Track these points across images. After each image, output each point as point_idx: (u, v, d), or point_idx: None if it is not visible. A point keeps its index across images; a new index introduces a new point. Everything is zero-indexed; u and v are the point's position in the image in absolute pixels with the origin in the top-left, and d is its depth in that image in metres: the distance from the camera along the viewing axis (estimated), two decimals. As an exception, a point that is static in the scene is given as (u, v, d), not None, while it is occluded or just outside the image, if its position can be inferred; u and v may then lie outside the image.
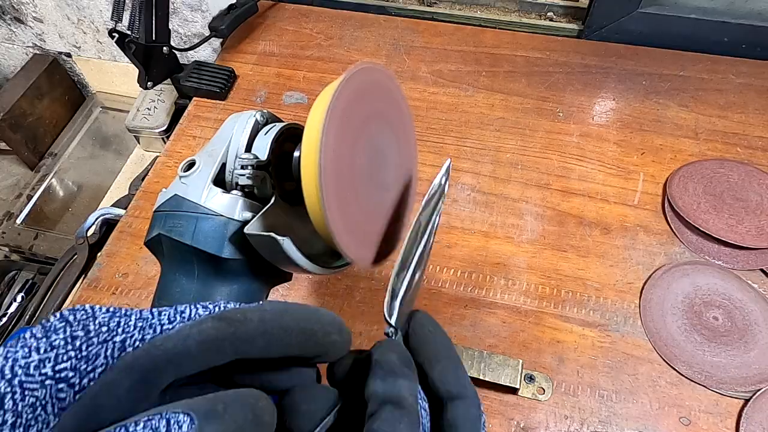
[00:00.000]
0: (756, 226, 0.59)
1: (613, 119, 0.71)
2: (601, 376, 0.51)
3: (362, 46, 0.82)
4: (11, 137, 1.07)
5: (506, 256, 0.59)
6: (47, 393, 0.15)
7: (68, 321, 0.16)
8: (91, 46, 1.10)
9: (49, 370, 0.15)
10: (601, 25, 0.79)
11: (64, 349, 0.15)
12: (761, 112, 0.71)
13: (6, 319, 0.80)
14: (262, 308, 0.18)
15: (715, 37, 0.77)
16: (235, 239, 0.31)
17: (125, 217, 0.65)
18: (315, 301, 0.56)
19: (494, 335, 0.54)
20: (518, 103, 0.73)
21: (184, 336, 0.16)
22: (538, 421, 0.49)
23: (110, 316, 0.17)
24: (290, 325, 0.18)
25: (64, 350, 0.15)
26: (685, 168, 0.65)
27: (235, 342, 0.17)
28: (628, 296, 0.56)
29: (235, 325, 0.17)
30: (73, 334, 0.16)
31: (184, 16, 0.97)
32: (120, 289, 0.58)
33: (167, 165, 0.69)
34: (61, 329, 0.16)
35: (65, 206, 1.04)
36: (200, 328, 0.17)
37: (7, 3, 1.05)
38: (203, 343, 0.16)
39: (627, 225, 0.61)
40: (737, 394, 0.50)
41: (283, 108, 0.74)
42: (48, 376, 0.15)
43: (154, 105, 0.90)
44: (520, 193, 0.64)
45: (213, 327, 0.17)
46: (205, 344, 0.16)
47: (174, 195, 0.32)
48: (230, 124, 0.33)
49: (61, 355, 0.15)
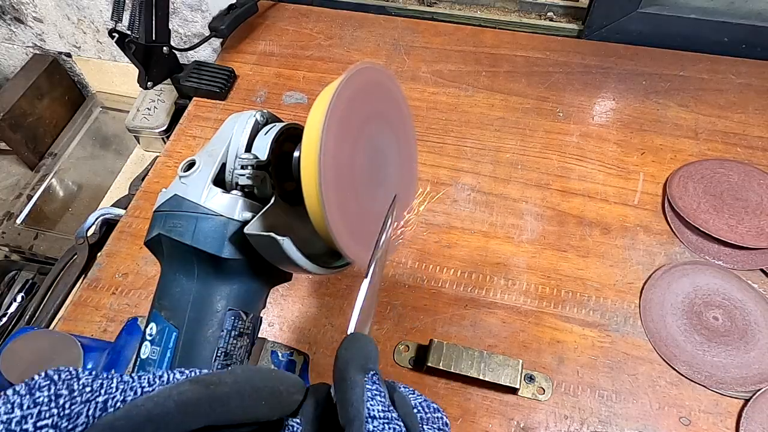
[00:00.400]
0: (756, 226, 0.59)
1: (613, 119, 0.71)
2: (601, 376, 0.51)
3: (362, 46, 0.82)
4: (11, 137, 1.07)
5: (506, 256, 0.59)
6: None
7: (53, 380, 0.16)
8: (91, 46, 1.10)
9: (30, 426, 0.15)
10: (601, 25, 0.79)
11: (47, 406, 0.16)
12: (761, 112, 0.71)
13: (6, 319, 0.80)
14: (233, 372, 0.20)
15: (715, 37, 0.77)
16: (235, 239, 0.31)
17: (125, 217, 0.65)
18: (315, 301, 0.56)
19: (494, 335, 0.54)
20: (518, 103, 0.73)
21: (164, 397, 0.17)
22: (538, 421, 0.49)
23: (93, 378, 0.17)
24: (260, 386, 0.20)
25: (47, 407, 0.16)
26: (685, 168, 0.65)
27: (211, 402, 0.18)
28: (628, 296, 0.56)
29: (211, 387, 0.18)
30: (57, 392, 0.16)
31: (184, 16, 0.97)
32: (120, 289, 0.58)
33: (167, 165, 0.69)
34: (46, 387, 0.16)
35: (65, 206, 1.04)
36: (179, 389, 0.18)
37: (7, 3, 1.05)
38: (182, 404, 0.17)
39: (627, 225, 0.61)
40: (737, 394, 0.50)
41: (283, 108, 0.74)
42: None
43: (154, 105, 0.90)
44: (520, 193, 0.64)
45: (190, 389, 0.18)
46: (183, 405, 0.17)
47: (174, 195, 0.32)
48: (230, 124, 0.33)
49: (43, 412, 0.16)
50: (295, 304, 0.56)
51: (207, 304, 0.31)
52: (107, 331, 0.55)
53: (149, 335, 0.32)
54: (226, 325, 0.31)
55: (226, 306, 0.32)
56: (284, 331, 0.55)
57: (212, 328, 0.31)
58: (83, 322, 0.56)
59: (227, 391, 0.19)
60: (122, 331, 0.50)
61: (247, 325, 0.33)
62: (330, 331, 0.54)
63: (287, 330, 0.55)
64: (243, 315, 0.32)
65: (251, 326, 0.33)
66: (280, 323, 0.55)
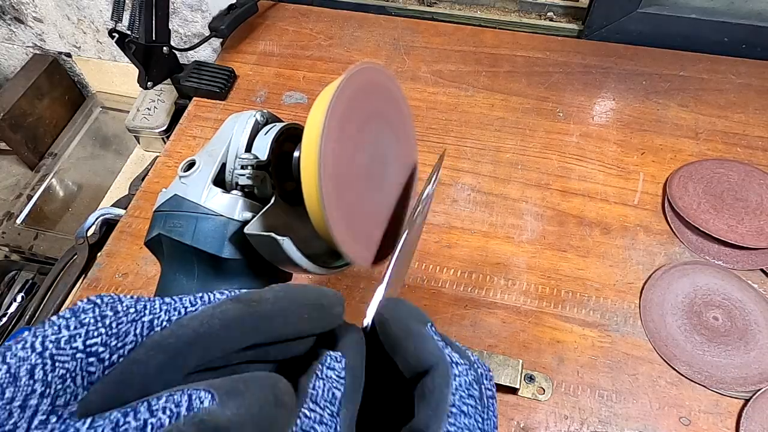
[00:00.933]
0: (756, 226, 0.59)
1: (613, 119, 0.71)
2: (601, 376, 0.51)
3: (362, 46, 0.82)
4: (11, 137, 1.07)
5: (506, 256, 0.59)
6: (77, 366, 0.15)
7: (96, 303, 0.16)
8: (91, 46, 1.10)
9: (80, 344, 0.15)
10: (601, 25, 0.79)
11: (94, 326, 0.16)
12: (761, 112, 0.71)
13: (6, 319, 0.80)
14: (273, 289, 0.20)
15: (715, 37, 0.77)
16: (235, 239, 0.31)
17: (125, 217, 0.65)
18: (315, 301, 0.56)
19: (494, 335, 0.54)
20: (518, 103, 0.73)
21: (208, 315, 0.17)
22: (538, 421, 0.49)
23: (136, 300, 0.17)
24: (301, 300, 0.20)
25: (94, 327, 0.16)
26: (685, 168, 0.65)
27: (255, 320, 0.18)
28: (628, 296, 0.56)
29: (253, 304, 0.18)
30: (102, 314, 0.16)
31: (184, 16, 0.97)
32: (120, 289, 0.58)
33: (167, 165, 0.69)
34: (90, 309, 0.16)
35: (65, 206, 1.04)
36: (222, 308, 0.17)
37: (7, 3, 1.05)
38: (226, 322, 0.17)
39: (627, 225, 0.61)
40: (737, 394, 0.50)
41: (283, 108, 0.74)
42: (79, 350, 0.15)
43: (154, 105, 0.90)
44: (520, 193, 0.64)
45: (233, 307, 0.18)
46: (228, 323, 0.17)
47: (174, 195, 0.32)
48: (230, 124, 0.33)
49: (91, 332, 0.16)
50: (295, 304, 0.56)
51: (207, 304, 0.31)
52: (107, 331, 0.55)
53: (149, 335, 0.32)
54: (226, 325, 0.31)
55: (226, 306, 0.32)
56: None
57: (212, 328, 0.31)
58: (83, 322, 0.56)
59: (269, 308, 0.18)
60: (122, 331, 0.50)
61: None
62: (330, 331, 0.54)
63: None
64: (243, 315, 0.32)
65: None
66: (280, 323, 0.55)
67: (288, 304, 0.19)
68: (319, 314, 0.20)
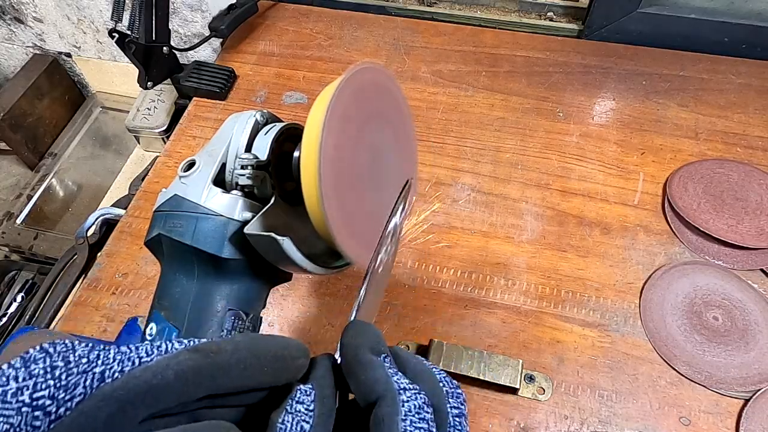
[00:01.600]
0: (756, 226, 0.59)
1: (613, 119, 0.71)
2: (601, 376, 0.51)
3: (362, 46, 0.82)
4: (11, 137, 1.07)
5: (506, 256, 0.59)
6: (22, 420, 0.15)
7: (48, 352, 0.16)
8: (91, 46, 1.10)
9: (26, 397, 0.15)
10: (601, 25, 0.79)
11: (43, 378, 0.15)
12: (761, 112, 0.71)
13: (6, 319, 0.80)
14: (234, 339, 0.19)
15: (715, 37, 0.77)
16: (235, 239, 0.31)
17: (125, 217, 0.65)
18: (315, 301, 0.56)
19: (494, 335, 0.54)
20: (518, 103, 0.73)
21: (162, 367, 0.17)
22: (538, 421, 0.49)
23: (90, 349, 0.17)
24: (262, 352, 0.19)
25: (43, 379, 0.15)
26: (685, 168, 0.65)
27: (212, 371, 0.18)
28: (628, 296, 0.56)
29: (211, 355, 0.18)
30: (53, 364, 0.16)
31: (184, 16, 0.97)
32: (120, 289, 0.58)
33: (167, 165, 0.69)
34: (41, 359, 0.16)
35: (65, 206, 1.04)
36: (178, 359, 0.17)
37: (7, 3, 1.05)
38: (181, 374, 0.17)
39: (627, 225, 0.61)
40: (737, 394, 0.50)
41: (283, 108, 0.74)
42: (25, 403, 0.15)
43: (154, 105, 0.90)
44: (520, 193, 0.64)
45: (189, 358, 0.17)
46: (183, 374, 0.17)
47: (174, 195, 0.32)
48: (230, 124, 0.33)
49: (39, 384, 0.15)
50: (295, 304, 0.56)
51: (207, 304, 0.31)
52: (107, 331, 0.55)
53: (149, 335, 0.32)
54: (226, 325, 0.31)
55: (226, 306, 0.32)
56: (284, 331, 0.55)
57: (212, 328, 0.31)
58: (83, 322, 0.56)
59: (227, 358, 0.18)
60: (122, 331, 0.50)
61: (247, 325, 0.33)
62: (330, 331, 0.54)
63: (287, 330, 0.55)
64: (243, 315, 0.32)
65: (251, 326, 0.33)
66: (280, 323, 0.55)
67: (247, 356, 0.19)
68: (280, 366, 0.20)
